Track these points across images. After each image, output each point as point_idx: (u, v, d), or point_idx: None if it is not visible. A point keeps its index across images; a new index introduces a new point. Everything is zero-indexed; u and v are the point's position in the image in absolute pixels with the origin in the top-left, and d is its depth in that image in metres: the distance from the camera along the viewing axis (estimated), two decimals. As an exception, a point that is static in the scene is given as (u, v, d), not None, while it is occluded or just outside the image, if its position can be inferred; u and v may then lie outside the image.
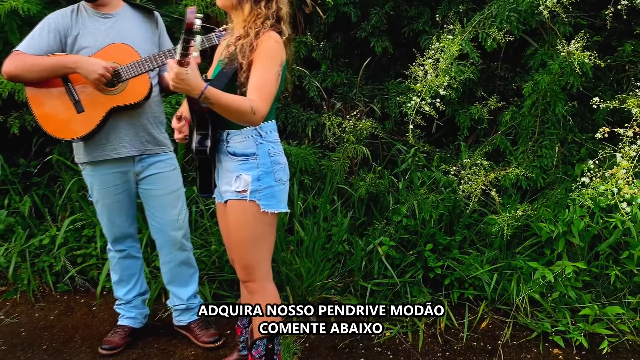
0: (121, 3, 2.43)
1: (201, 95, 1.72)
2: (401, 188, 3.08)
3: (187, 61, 1.66)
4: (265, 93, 1.87)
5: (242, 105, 1.80)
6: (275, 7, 1.94)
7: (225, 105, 1.77)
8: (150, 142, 2.45)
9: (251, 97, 1.84)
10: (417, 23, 3.91)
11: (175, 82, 1.69)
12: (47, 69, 2.21)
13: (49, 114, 2.26)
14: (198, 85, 1.71)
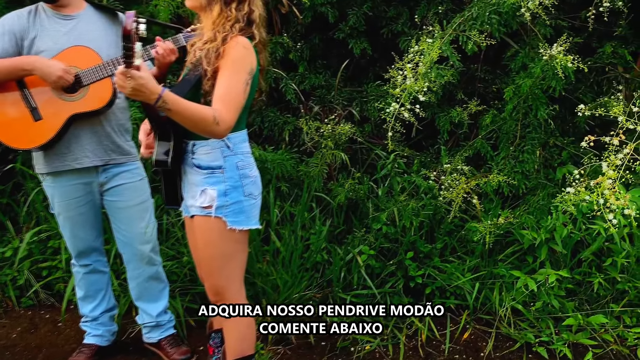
0: (83, 4, 2.29)
1: (158, 101, 1.59)
2: (381, 195, 2.99)
3: (133, 68, 1.53)
4: (231, 103, 1.75)
5: (204, 114, 1.67)
6: (247, 10, 1.83)
7: (185, 113, 1.65)
8: (115, 151, 2.31)
9: (216, 107, 1.72)
10: (396, 24, 3.82)
11: (127, 90, 1.56)
12: (1, 72, 2.06)
13: (3, 122, 2.11)
14: (154, 90, 1.58)
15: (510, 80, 3.25)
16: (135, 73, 1.53)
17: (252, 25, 1.84)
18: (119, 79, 1.54)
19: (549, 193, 2.92)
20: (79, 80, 2.14)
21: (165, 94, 1.59)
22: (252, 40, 1.83)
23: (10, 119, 2.11)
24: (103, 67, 2.14)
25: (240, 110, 1.79)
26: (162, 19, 3.15)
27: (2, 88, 2.10)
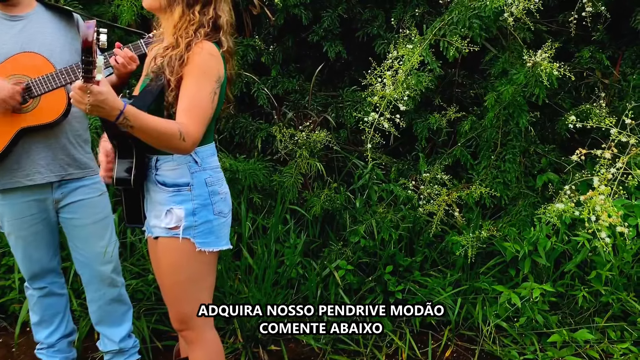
0: (33, 3, 2.10)
1: (119, 117, 1.43)
2: (359, 206, 2.86)
3: (93, 83, 1.37)
4: (198, 115, 1.59)
5: (169, 129, 1.52)
6: (213, 14, 1.67)
7: (148, 129, 1.49)
8: (72, 165, 2.12)
9: (180, 120, 1.56)
10: (371, 27, 3.70)
11: (85, 106, 1.40)
12: None
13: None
14: (115, 105, 1.42)
15: (490, 86, 3.17)
16: (94, 88, 1.37)
17: (218, 32, 1.69)
18: (77, 95, 1.38)
19: (530, 203, 2.84)
20: (29, 90, 1.94)
21: (126, 109, 1.43)
22: (219, 47, 1.67)
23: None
24: (56, 75, 1.95)
25: (207, 122, 1.64)
26: (125, 20, 2.96)
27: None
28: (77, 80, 1.96)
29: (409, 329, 2.68)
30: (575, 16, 2.59)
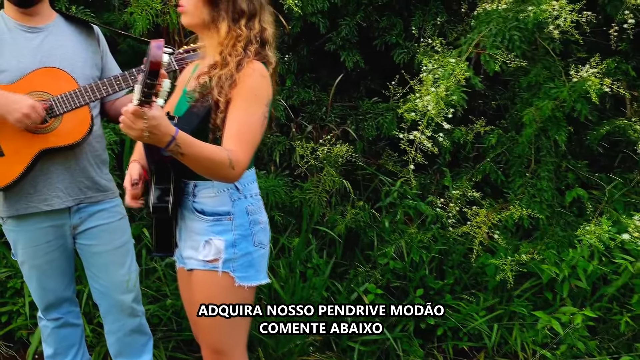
0: (53, 14, 1.94)
1: (170, 144, 1.30)
2: (387, 226, 2.72)
3: (147, 107, 1.23)
4: (247, 142, 1.46)
5: (219, 157, 1.39)
6: (259, 27, 1.53)
7: (199, 157, 1.37)
8: (91, 187, 1.97)
9: (229, 147, 1.43)
10: (390, 35, 3.57)
11: (135, 132, 1.26)
12: None
13: (-46, 159, 1.75)
14: (167, 130, 1.28)
15: (519, 99, 3.05)
16: (150, 113, 1.22)
17: (265, 46, 1.55)
18: (128, 120, 1.24)
19: (566, 222, 2.72)
20: (51, 108, 1.79)
21: (178, 135, 1.30)
22: (267, 66, 1.53)
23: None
24: (80, 93, 1.80)
25: (256, 148, 1.50)
26: (138, 29, 2.80)
27: (-47, 119, 1.74)
28: (103, 97, 1.84)
29: (442, 355, 2.55)
30: (616, 28, 2.47)
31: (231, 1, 1.50)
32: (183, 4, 1.54)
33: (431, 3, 3.65)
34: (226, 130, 1.45)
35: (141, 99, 1.18)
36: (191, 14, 1.53)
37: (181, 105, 1.59)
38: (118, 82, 1.85)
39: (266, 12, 1.56)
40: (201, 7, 1.51)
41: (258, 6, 1.53)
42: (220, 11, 1.50)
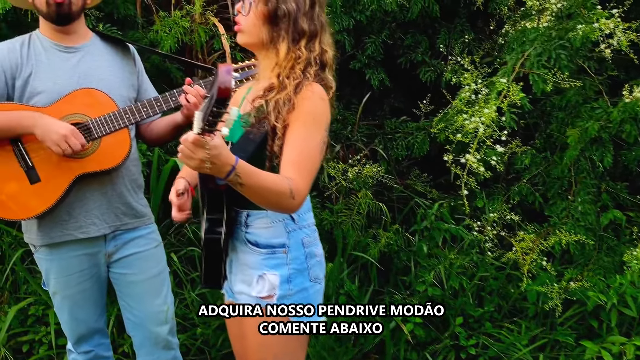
0: (89, 33, 1.86)
1: (230, 174, 1.20)
2: (425, 251, 2.61)
3: (208, 136, 1.14)
4: (307, 169, 1.37)
5: (280, 186, 1.30)
6: (319, 49, 1.44)
7: (259, 187, 1.27)
8: (127, 213, 1.87)
9: (289, 175, 1.33)
10: (415, 53, 3.51)
11: (194, 162, 1.17)
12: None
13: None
14: (228, 160, 1.19)
15: (553, 118, 2.97)
16: (212, 142, 1.13)
17: (324, 69, 1.46)
18: (188, 149, 1.15)
19: (608, 246, 2.62)
20: (89, 131, 1.70)
21: (239, 165, 1.20)
22: (328, 90, 1.45)
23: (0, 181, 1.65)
24: (119, 115, 1.71)
25: (315, 176, 1.40)
26: (166, 48, 2.73)
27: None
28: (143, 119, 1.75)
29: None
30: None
31: (292, 21, 1.42)
32: (240, 22, 1.46)
33: (456, 21, 3.60)
34: (284, 157, 1.36)
35: (204, 127, 1.08)
36: (249, 32, 1.45)
37: (235, 130, 1.50)
38: (158, 103, 1.77)
39: (326, 33, 1.48)
40: (260, 26, 1.43)
41: (319, 27, 1.45)
42: (280, 31, 1.42)
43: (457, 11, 3.64)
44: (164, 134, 1.94)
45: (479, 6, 3.33)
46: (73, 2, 1.72)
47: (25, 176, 1.66)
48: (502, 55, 3.46)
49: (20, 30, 2.82)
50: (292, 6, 1.42)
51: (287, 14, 1.42)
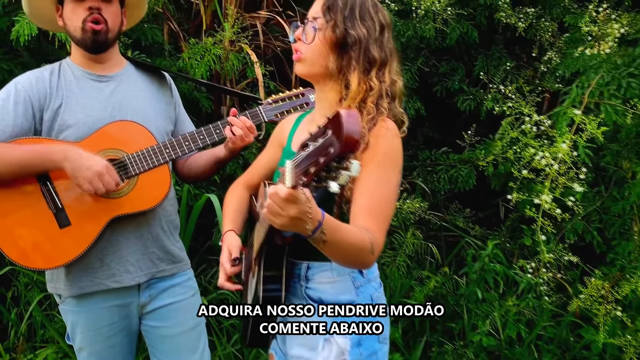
0: (123, 61, 1.70)
1: (316, 231, 1.01)
2: (480, 296, 2.39)
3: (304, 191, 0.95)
4: (384, 219, 1.18)
5: (362, 241, 1.10)
6: (389, 79, 1.27)
7: (342, 244, 1.07)
8: (164, 259, 1.67)
9: (365, 224, 1.14)
10: (452, 80, 3.35)
11: (281, 220, 0.98)
12: (16, 163, 1.43)
13: (12, 230, 1.46)
14: (316, 216, 1.00)
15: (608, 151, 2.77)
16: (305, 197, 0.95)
17: (394, 101, 1.28)
18: (277, 205, 0.96)
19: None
20: (125, 168, 1.52)
21: (325, 221, 1.01)
22: (401, 126, 1.27)
23: (25, 225, 1.46)
24: (158, 150, 1.53)
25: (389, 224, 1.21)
26: (197, 76, 2.58)
27: (15, 181, 1.46)
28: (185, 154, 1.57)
29: None
30: None
31: (363, 48, 1.24)
32: (301, 51, 1.29)
33: (493, 47, 3.45)
34: (358, 203, 1.17)
35: (308, 181, 0.88)
36: (311, 62, 1.28)
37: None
38: (201, 136, 1.59)
39: (396, 61, 1.31)
40: (326, 55, 1.26)
41: (389, 54, 1.28)
42: (350, 59, 1.25)
43: (493, 37, 3.50)
44: (203, 170, 1.76)
45: (520, 33, 3.20)
46: (110, 29, 1.57)
47: (54, 220, 1.47)
48: (543, 83, 3.32)
49: (43, 58, 2.69)
50: (363, 32, 1.25)
51: (358, 41, 1.25)
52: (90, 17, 1.53)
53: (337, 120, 0.84)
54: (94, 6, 1.53)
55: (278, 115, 1.65)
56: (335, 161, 0.85)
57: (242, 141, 1.57)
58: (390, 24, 1.31)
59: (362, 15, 1.26)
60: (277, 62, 3.26)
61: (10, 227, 1.45)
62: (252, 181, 1.50)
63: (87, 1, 1.53)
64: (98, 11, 1.53)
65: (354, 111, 0.86)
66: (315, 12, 1.29)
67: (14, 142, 1.47)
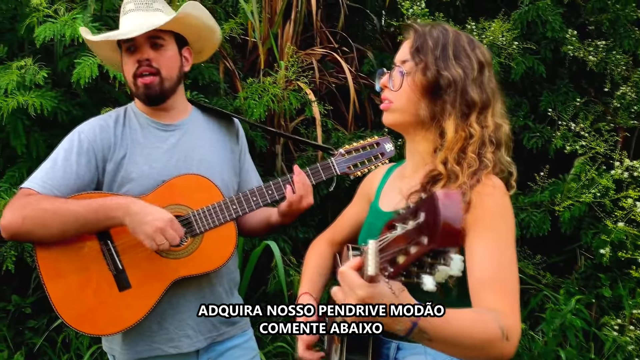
0: (189, 106, 1.61)
1: (412, 330, 0.85)
2: (564, 358, 2.17)
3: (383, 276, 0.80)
4: (512, 291, 1.00)
5: (487, 329, 0.92)
6: (493, 124, 1.12)
7: (455, 339, 0.90)
8: (224, 321, 1.55)
9: (490, 304, 0.97)
10: (516, 117, 3.17)
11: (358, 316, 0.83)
12: (76, 220, 1.33)
13: (70, 291, 1.36)
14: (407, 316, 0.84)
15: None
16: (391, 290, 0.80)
17: (500, 149, 1.13)
18: (353, 291, 0.81)
19: None
20: (190, 226, 1.42)
21: (424, 318, 0.85)
22: (510, 182, 1.12)
23: (82, 288, 1.36)
24: (225, 206, 1.43)
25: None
26: (255, 116, 2.50)
27: (75, 239, 1.38)
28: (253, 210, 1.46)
29: None
30: None
31: (460, 90, 1.11)
32: (389, 99, 1.17)
33: (558, 82, 3.27)
34: (476, 278, 1.00)
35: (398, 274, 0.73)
36: (402, 110, 1.15)
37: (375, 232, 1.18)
38: (270, 191, 1.48)
39: (499, 102, 1.16)
40: (417, 100, 1.13)
41: (491, 95, 1.14)
42: (445, 104, 1.11)
43: (557, 71, 3.32)
44: (256, 229, 1.65)
45: (590, 67, 3.01)
46: (165, 77, 1.47)
47: (114, 282, 1.37)
48: (617, 120, 3.10)
49: (101, 98, 2.67)
50: (459, 72, 1.12)
51: (453, 83, 1.11)
52: (140, 71, 1.44)
53: (432, 204, 0.68)
54: (143, 58, 1.44)
55: (351, 168, 1.53)
56: (429, 255, 0.70)
57: (299, 202, 1.44)
58: (490, 61, 1.17)
59: (457, 54, 1.13)
60: (330, 98, 3.17)
61: (67, 289, 1.36)
62: (336, 238, 1.37)
63: (136, 53, 1.45)
64: (148, 62, 1.44)
65: (453, 192, 0.70)
66: (403, 55, 1.17)
67: (74, 197, 1.38)
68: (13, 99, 2.09)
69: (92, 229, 1.35)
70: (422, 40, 1.15)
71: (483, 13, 3.27)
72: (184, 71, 1.55)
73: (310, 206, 1.48)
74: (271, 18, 2.89)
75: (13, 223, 1.31)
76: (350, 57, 3.26)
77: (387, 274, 0.73)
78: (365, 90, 3.22)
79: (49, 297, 1.36)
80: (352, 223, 1.34)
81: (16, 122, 2.24)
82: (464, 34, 1.18)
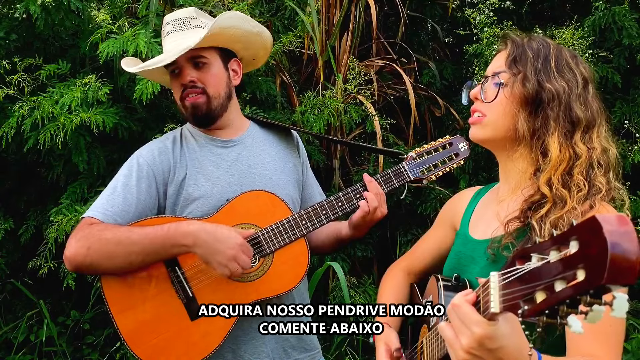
0: (246, 122, 1.55)
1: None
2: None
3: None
4: (616, 341, 0.89)
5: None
6: (599, 146, 1.00)
7: None
8: (296, 347, 1.46)
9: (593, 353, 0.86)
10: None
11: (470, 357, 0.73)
12: (142, 250, 1.27)
13: (140, 324, 1.29)
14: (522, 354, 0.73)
15: None
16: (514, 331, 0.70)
17: (607, 173, 1.00)
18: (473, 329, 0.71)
19: None
20: (259, 246, 1.34)
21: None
22: (617, 208, 0.99)
23: (152, 318, 1.30)
24: (295, 222, 1.34)
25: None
26: (315, 130, 2.42)
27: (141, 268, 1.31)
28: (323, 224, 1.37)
29: None
30: None
31: (564, 105, 0.99)
32: (481, 111, 1.06)
33: (632, 92, 3.06)
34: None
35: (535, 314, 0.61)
36: (495, 123, 1.04)
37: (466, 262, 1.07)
38: (340, 203, 1.38)
39: (604, 123, 1.04)
40: (515, 113, 1.02)
41: (596, 114, 1.02)
42: (547, 119, 1.00)
43: (631, 80, 3.12)
44: (324, 245, 1.55)
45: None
46: (212, 96, 1.40)
47: (185, 311, 1.30)
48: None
49: (159, 113, 2.66)
50: (562, 86, 1.00)
51: (557, 97, 1.00)
52: (185, 94, 1.39)
53: (594, 230, 0.55)
54: (186, 81, 1.38)
55: (425, 172, 1.42)
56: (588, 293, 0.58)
57: (373, 213, 1.34)
58: (593, 78, 1.05)
59: (559, 67, 1.02)
60: (388, 110, 3.08)
61: (137, 322, 1.29)
62: (415, 267, 1.27)
63: (180, 77, 1.39)
64: (193, 84, 1.38)
65: (623, 215, 0.57)
66: (497, 66, 1.06)
67: (138, 224, 1.31)
68: (77, 116, 2.08)
69: (159, 259, 1.29)
70: (521, 51, 1.04)
71: (548, 20, 3.11)
72: (234, 85, 1.48)
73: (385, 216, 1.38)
74: (328, 30, 2.83)
75: (78, 255, 1.26)
76: (408, 68, 3.16)
77: (520, 311, 0.62)
78: (425, 102, 3.11)
79: (119, 332, 1.29)
80: (433, 252, 1.24)
81: (78, 139, 2.24)
82: (566, 48, 1.07)
